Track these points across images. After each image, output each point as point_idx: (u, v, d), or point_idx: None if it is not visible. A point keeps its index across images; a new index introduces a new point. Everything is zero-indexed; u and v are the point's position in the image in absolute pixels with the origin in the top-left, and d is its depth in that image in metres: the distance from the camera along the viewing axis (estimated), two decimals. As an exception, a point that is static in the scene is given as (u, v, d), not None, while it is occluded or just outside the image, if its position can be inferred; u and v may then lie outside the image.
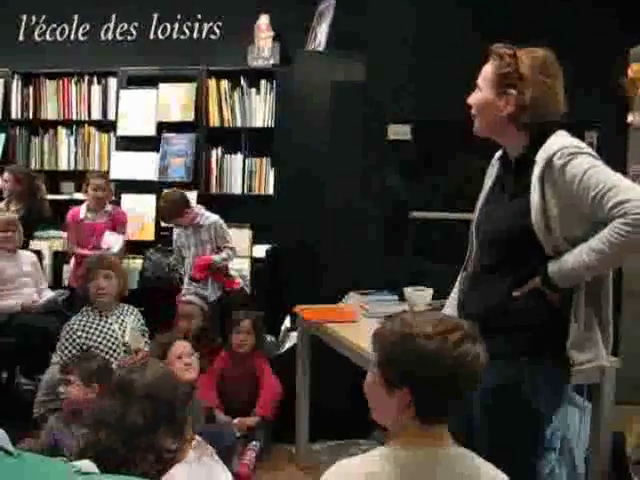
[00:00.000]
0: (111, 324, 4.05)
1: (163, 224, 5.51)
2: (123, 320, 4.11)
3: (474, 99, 2.44)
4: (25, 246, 5.15)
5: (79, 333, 3.98)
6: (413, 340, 1.74)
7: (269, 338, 4.77)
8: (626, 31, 4.51)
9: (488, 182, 2.58)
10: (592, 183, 2.19)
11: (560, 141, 2.31)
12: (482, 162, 2.68)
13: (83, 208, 5.28)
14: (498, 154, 2.58)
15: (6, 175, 5.35)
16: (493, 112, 2.39)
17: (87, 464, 1.49)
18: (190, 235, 4.97)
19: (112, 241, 5.14)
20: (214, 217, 4.99)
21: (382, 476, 1.70)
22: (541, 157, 2.30)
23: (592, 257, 2.20)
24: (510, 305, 2.35)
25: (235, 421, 4.24)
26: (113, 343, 4.00)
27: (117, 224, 5.29)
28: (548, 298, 2.30)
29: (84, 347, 3.94)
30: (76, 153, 5.98)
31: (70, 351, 3.94)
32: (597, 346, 2.38)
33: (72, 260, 5.41)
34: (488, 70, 2.41)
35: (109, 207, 5.32)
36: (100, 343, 3.98)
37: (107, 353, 3.96)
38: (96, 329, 4.01)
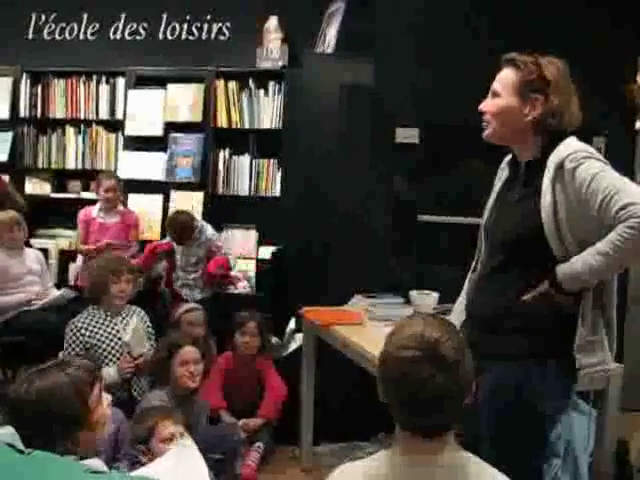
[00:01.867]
0: (116, 324, 4.05)
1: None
2: (129, 321, 4.11)
3: (493, 106, 2.45)
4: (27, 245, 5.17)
5: (83, 331, 3.98)
6: (382, 349, 1.77)
7: (274, 340, 4.77)
8: (636, 38, 4.50)
9: (497, 186, 2.61)
10: (600, 187, 2.22)
11: (571, 146, 2.34)
12: (490, 166, 2.69)
13: (95, 208, 5.34)
14: (507, 158, 2.60)
15: None
16: (516, 118, 2.41)
17: (96, 462, 1.49)
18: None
19: None
20: (210, 232, 5.09)
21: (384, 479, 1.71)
22: (552, 161, 2.33)
23: (598, 260, 2.22)
24: (518, 307, 2.36)
25: (240, 423, 4.24)
26: (116, 343, 4.00)
27: (129, 227, 5.32)
28: (557, 301, 2.31)
29: (87, 346, 3.95)
30: (84, 152, 5.97)
31: (74, 349, 3.94)
32: (603, 350, 2.40)
33: (79, 259, 5.43)
34: (510, 77, 2.43)
35: (121, 207, 5.36)
36: (104, 342, 3.98)
37: (110, 353, 3.97)
38: (100, 328, 4.01)
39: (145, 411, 3.28)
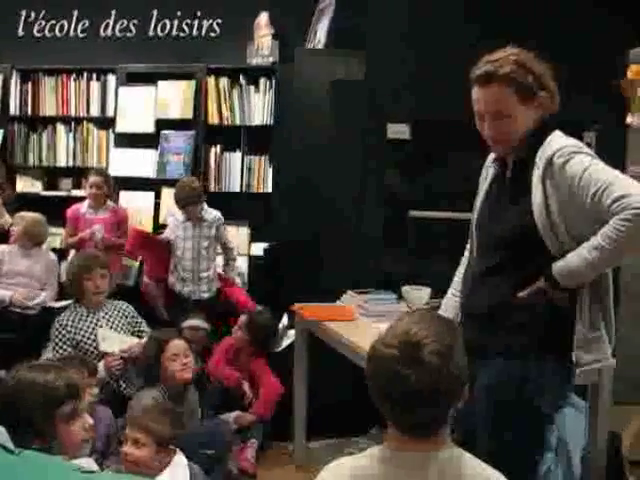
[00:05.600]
0: (98, 320, 4.04)
1: (161, 221, 5.51)
2: (111, 316, 4.09)
3: (509, 128, 2.38)
4: None
5: (69, 329, 3.96)
6: (369, 352, 1.77)
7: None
8: (625, 32, 4.51)
9: (484, 184, 2.59)
10: (592, 180, 2.21)
11: (559, 141, 2.34)
12: (481, 161, 2.69)
13: (84, 204, 5.31)
14: (492, 156, 2.58)
15: None
16: (529, 123, 2.39)
17: (87, 462, 1.48)
18: (189, 228, 4.97)
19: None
20: (216, 212, 5.03)
21: (374, 478, 1.71)
22: (541, 158, 2.32)
23: (594, 255, 2.21)
24: (515, 303, 2.35)
25: (233, 415, 4.24)
26: None
27: (119, 222, 5.30)
28: (553, 298, 2.31)
29: (74, 343, 3.93)
30: (74, 149, 5.97)
31: (61, 347, 3.93)
32: (603, 346, 2.39)
33: (70, 257, 5.42)
34: (505, 92, 2.36)
35: (110, 204, 5.34)
36: (88, 338, 3.96)
37: (96, 349, 3.95)
38: (84, 325, 3.99)
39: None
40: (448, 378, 1.67)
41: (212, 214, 5.00)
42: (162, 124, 5.68)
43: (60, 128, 5.98)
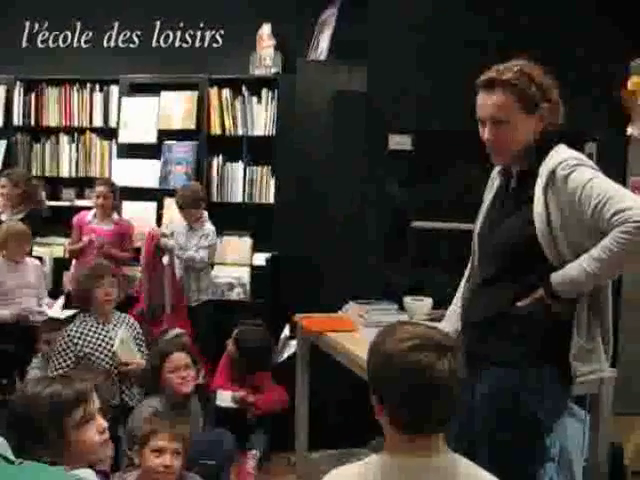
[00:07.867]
0: (108, 332, 4.03)
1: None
2: (120, 327, 4.09)
3: (505, 135, 2.40)
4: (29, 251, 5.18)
5: (76, 340, 3.94)
6: (376, 355, 1.78)
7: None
8: (626, 43, 4.52)
9: (489, 196, 2.60)
10: (593, 193, 2.23)
11: (562, 154, 2.35)
12: (482, 172, 2.69)
13: (90, 213, 5.37)
14: (498, 168, 2.59)
15: (2, 180, 5.31)
16: (528, 135, 2.40)
17: (87, 473, 1.48)
18: (185, 235, 5.05)
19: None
20: (210, 228, 5.07)
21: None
22: (544, 170, 2.34)
23: (593, 266, 2.23)
24: (514, 313, 2.36)
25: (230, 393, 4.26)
26: (109, 351, 3.97)
27: (123, 236, 5.32)
28: (552, 309, 2.32)
29: (80, 354, 3.92)
30: (77, 160, 5.98)
31: (70, 358, 3.92)
32: (599, 357, 2.40)
33: (72, 265, 5.43)
34: (507, 99, 2.37)
35: (115, 216, 5.35)
36: (96, 350, 3.95)
37: (103, 361, 3.95)
38: (93, 336, 3.98)
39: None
40: (461, 362, 1.71)
41: (204, 229, 5.07)
42: (165, 134, 5.70)
43: (63, 138, 6.00)
